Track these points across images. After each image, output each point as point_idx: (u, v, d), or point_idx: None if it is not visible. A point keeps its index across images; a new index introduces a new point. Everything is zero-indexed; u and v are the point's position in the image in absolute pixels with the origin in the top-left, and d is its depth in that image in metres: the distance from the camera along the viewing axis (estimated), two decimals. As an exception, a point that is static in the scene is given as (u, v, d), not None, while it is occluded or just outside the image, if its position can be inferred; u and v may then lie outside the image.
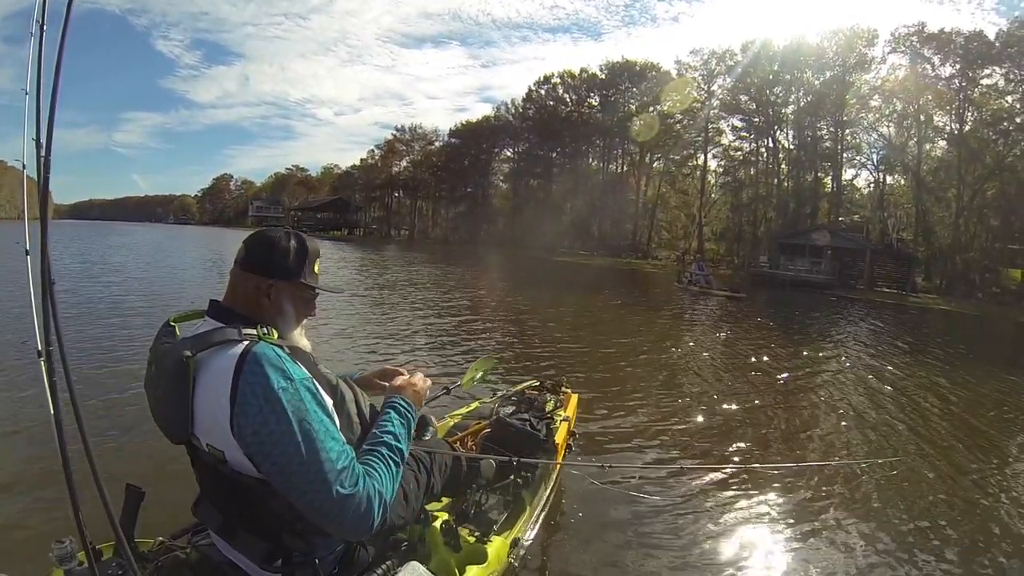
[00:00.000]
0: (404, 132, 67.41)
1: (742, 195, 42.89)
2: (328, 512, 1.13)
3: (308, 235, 1.44)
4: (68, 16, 1.29)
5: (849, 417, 5.50)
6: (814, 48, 38.75)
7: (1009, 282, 29.48)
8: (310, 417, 1.14)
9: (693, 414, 5.14)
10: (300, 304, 1.38)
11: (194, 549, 1.51)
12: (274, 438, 1.11)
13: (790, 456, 4.34)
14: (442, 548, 1.69)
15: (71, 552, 1.31)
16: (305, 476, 1.11)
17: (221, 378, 1.15)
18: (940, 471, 4.17)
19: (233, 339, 1.20)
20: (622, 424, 4.66)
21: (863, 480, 3.81)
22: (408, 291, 14.79)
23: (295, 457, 1.11)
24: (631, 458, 3.98)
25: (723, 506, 3.28)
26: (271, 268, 1.31)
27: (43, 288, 1.24)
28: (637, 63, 49.21)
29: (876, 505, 3.47)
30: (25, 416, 3.90)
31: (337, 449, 1.15)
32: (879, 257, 31.41)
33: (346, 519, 1.14)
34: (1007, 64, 31.93)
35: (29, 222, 1.35)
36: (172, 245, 32.29)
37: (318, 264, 1.42)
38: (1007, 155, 31.32)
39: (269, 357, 1.15)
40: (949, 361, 9.77)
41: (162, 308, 9.21)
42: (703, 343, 9.59)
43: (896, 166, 36.77)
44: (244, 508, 1.28)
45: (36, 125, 1.27)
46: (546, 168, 54.86)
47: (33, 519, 2.67)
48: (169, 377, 1.19)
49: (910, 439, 4.94)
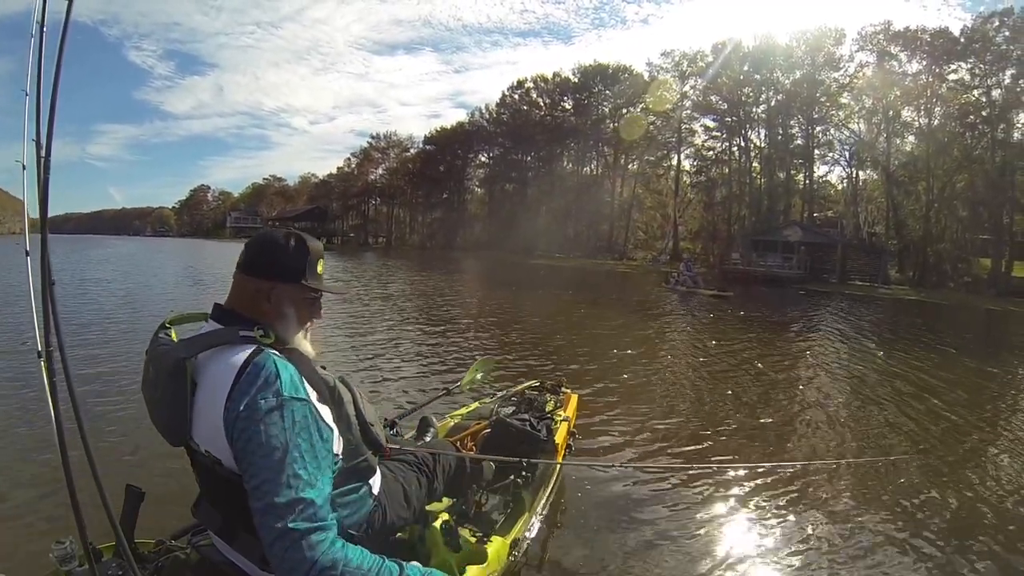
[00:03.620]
0: (379, 140, 67.52)
1: (715, 194, 42.84)
2: (267, 537, 1.07)
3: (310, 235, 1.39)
4: (68, 17, 1.30)
5: (845, 412, 5.46)
6: (783, 48, 39.13)
7: (981, 271, 29.49)
8: (297, 437, 1.12)
9: (691, 413, 5.09)
10: (303, 307, 1.34)
11: (194, 550, 1.50)
12: (254, 448, 1.10)
13: (790, 454, 4.25)
14: (442, 548, 1.68)
15: (71, 552, 1.33)
16: (266, 494, 1.08)
17: (221, 382, 1.15)
18: (934, 467, 4.05)
19: (232, 341, 1.19)
20: (621, 424, 4.59)
21: (862, 476, 3.76)
22: (391, 296, 14.71)
23: (266, 472, 1.09)
24: (631, 457, 3.93)
25: (723, 505, 3.22)
26: (271, 271, 1.29)
27: (43, 288, 1.25)
28: (609, 66, 49.39)
29: (884, 499, 3.42)
30: (25, 416, 3.97)
31: (314, 483, 1.11)
32: (851, 251, 31.55)
33: (279, 555, 1.07)
34: (972, 59, 32.24)
35: (28, 223, 1.40)
36: (156, 259, 31.14)
37: (321, 264, 1.36)
38: (975, 147, 31.56)
39: (269, 368, 1.14)
40: (931, 350, 9.81)
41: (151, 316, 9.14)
42: (694, 342, 9.44)
43: (867, 161, 36.90)
44: (243, 509, 1.18)
45: (36, 126, 1.27)
46: (521, 172, 54.89)
47: (33, 519, 2.68)
48: (167, 379, 1.18)
49: (910, 432, 4.85)
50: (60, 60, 1.28)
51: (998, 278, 28.23)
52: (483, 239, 53.42)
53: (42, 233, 1.26)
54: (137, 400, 4.25)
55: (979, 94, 32.04)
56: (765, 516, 3.12)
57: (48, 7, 1.31)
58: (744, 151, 41.71)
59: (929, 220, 32.30)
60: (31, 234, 1.37)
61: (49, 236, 1.33)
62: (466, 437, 2.62)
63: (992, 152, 31.00)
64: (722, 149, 43.09)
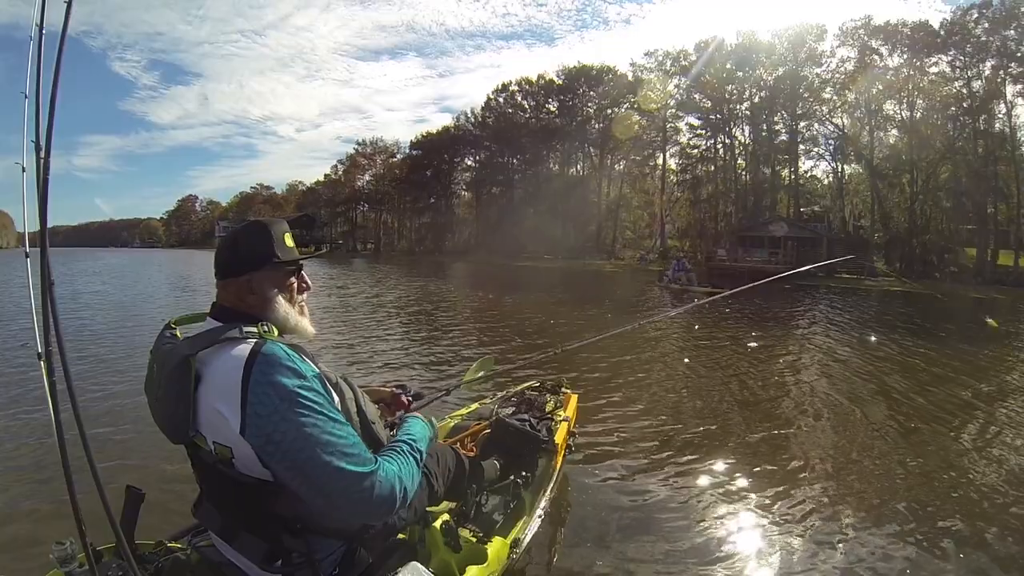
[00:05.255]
0: (366, 146, 67.52)
1: (701, 191, 42.76)
2: (353, 493, 1.14)
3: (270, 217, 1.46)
4: (67, 19, 1.30)
5: (846, 409, 5.31)
6: (766, 45, 39.30)
7: (967, 261, 29.46)
8: (324, 410, 1.16)
9: (690, 412, 5.05)
10: (285, 284, 1.36)
11: (194, 550, 1.51)
12: (290, 435, 1.12)
13: (790, 451, 4.13)
14: (442, 548, 1.68)
15: (71, 553, 1.33)
16: (326, 468, 1.12)
17: (229, 376, 1.15)
18: (938, 458, 4.00)
19: (235, 337, 1.21)
20: (621, 424, 4.53)
21: (863, 474, 3.70)
22: (384, 301, 14.63)
23: (313, 452, 1.12)
24: (632, 457, 3.85)
25: (724, 504, 3.18)
26: (242, 265, 1.31)
27: (43, 289, 1.24)
28: (594, 67, 49.47)
29: (885, 497, 3.35)
30: (25, 417, 4.01)
31: (350, 435, 1.18)
32: (837, 244, 31.46)
33: (369, 497, 1.16)
34: (952, 52, 32.43)
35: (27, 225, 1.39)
36: (145, 270, 30.46)
37: (288, 237, 1.37)
38: (957, 139, 31.71)
39: (279, 355, 1.16)
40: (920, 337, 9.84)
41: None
42: (689, 340, 9.32)
43: (851, 155, 36.97)
44: (244, 509, 1.27)
45: (36, 128, 1.27)
46: (507, 175, 54.78)
47: (33, 520, 2.67)
48: (171, 377, 1.20)
49: (909, 429, 4.70)
50: (59, 63, 1.27)
51: (983, 267, 28.21)
52: (471, 243, 53.36)
53: (41, 233, 1.25)
54: (137, 402, 4.29)
55: (960, 86, 32.21)
56: (765, 515, 3.07)
57: (48, 7, 1.31)
58: (729, 148, 41.74)
59: (914, 212, 32.41)
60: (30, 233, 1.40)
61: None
62: (466, 437, 2.60)
63: (974, 143, 31.17)
64: (707, 147, 43.06)
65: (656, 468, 3.65)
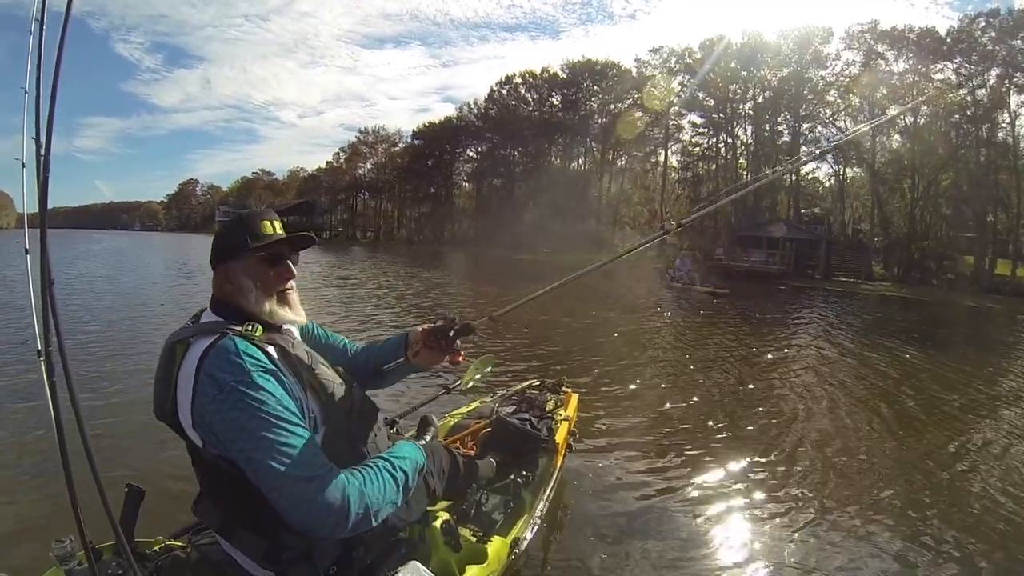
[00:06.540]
0: (367, 134, 66.90)
1: (702, 190, 42.63)
2: (291, 496, 1.11)
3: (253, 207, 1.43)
4: (68, 14, 1.27)
5: (846, 408, 5.43)
6: (771, 45, 39.03)
7: (965, 268, 29.48)
8: (267, 408, 1.14)
9: (690, 412, 5.07)
10: (259, 273, 1.35)
11: (194, 548, 1.51)
12: (225, 428, 1.14)
13: (790, 453, 4.18)
14: (442, 548, 1.66)
15: (71, 551, 1.34)
16: (260, 465, 1.11)
17: (190, 366, 1.20)
18: (933, 463, 4.05)
19: (213, 331, 1.24)
20: (622, 423, 4.57)
21: (863, 472, 3.75)
22: (384, 291, 14.72)
23: (246, 446, 1.12)
24: (632, 456, 3.87)
25: (724, 503, 3.20)
26: (219, 257, 1.35)
27: (43, 287, 1.24)
28: (598, 62, 49.03)
29: (884, 495, 3.41)
30: (25, 416, 3.97)
31: (294, 438, 1.15)
32: (836, 247, 31.46)
33: (309, 503, 1.11)
34: (958, 59, 32.29)
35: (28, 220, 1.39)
36: (145, 254, 30.47)
37: (265, 224, 1.36)
38: (960, 147, 31.56)
39: (229, 350, 1.18)
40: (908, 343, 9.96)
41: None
42: (691, 340, 9.36)
43: (853, 159, 36.88)
44: (242, 505, 1.26)
45: (36, 123, 1.24)
46: (509, 168, 54.40)
47: (33, 519, 2.68)
48: (161, 359, 1.28)
49: (908, 428, 4.83)
50: (60, 58, 1.25)
51: (981, 275, 28.26)
52: (471, 234, 53.05)
53: (42, 234, 1.24)
54: (137, 399, 4.34)
55: (964, 93, 32.10)
56: (766, 515, 3.08)
57: (47, 6, 1.29)
58: (731, 147, 41.62)
59: (914, 217, 32.36)
60: (30, 231, 1.38)
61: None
62: (466, 436, 2.60)
63: (976, 151, 31.10)
64: (709, 145, 42.93)
65: (656, 468, 3.67)
